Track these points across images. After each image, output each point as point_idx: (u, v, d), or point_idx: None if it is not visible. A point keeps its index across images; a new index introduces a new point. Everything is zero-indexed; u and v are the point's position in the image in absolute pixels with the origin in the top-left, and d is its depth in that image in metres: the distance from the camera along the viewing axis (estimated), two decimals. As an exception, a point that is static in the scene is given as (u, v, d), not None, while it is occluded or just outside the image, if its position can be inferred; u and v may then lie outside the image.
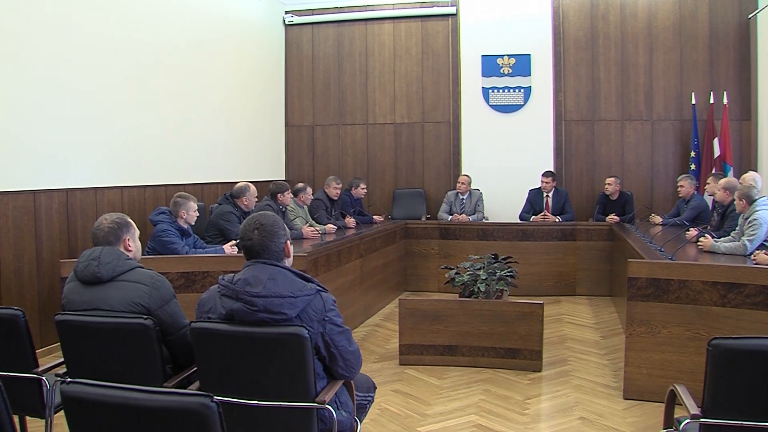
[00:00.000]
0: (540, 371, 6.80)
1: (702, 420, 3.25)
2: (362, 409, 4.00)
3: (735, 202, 7.22)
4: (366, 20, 12.62)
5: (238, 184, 8.09)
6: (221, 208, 7.97)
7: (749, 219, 6.79)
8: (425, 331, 7.01)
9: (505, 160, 11.96)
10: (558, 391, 6.26)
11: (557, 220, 10.73)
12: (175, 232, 6.86)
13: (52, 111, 7.30)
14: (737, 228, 7.16)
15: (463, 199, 11.32)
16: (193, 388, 3.53)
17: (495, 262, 7.52)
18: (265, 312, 3.23)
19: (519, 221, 10.99)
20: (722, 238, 7.21)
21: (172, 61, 9.23)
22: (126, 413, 2.44)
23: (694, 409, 3.30)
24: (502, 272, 7.30)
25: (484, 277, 7.11)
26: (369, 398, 4.10)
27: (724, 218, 7.92)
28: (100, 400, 2.46)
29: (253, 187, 8.11)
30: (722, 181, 8.10)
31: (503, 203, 11.60)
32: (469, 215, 11.15)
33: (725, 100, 11.17)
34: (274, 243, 3.42)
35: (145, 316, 3.59)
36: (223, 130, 10.51)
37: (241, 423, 3.35)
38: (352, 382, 3.71)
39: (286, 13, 12.75)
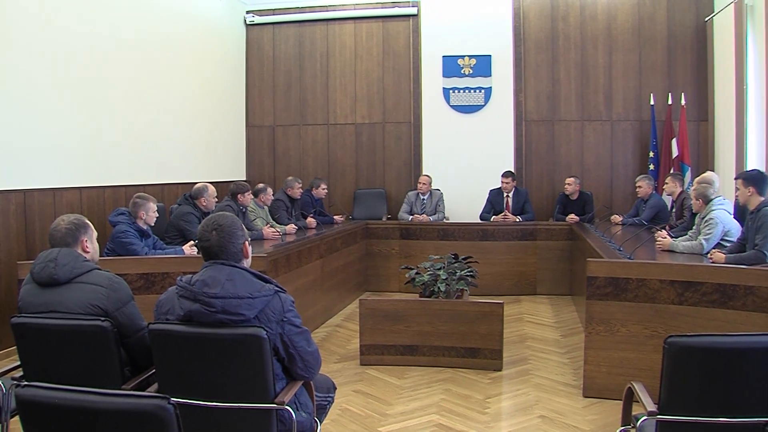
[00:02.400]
0: (500, 370, 6.83)
1: (658, 417, 3.28)
2: (322, 410, 4.00)
3: (692, 202, 7.31)
4: (327, 20, 12.60)
5: (197, 185, 8.05)
6: (181, 209, 7.93)
7: (705, 218, 6.88)
8: (386, 332, 7.02)
9: (466, 160, 12.00)
10: (518, 389, 6.30)
11: (517, 220, 10.79)
12: (135, 233, 6.80)
13: (9, 110, 7.19)
14: (694, 227, 7.25)
15: (423, 199, 11.34)
16: (151, 390, 3.49)
17: (455, 262, 7.54)
18: (223, 313, 3.22)
19: (479, 221, 11.03)
20: (680, 237, 7.28)
21: (132, 60, 9.13)
22: (82, 416, 2.41)
23: (651, 406, 3.33)
24: (463, 272, 7.32)
25: (444, 277, 7.13)
26: (329, 399, 4.10)
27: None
28: (55, 404, 2.43)
29: (212, 188, 8.07)
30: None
31: (464, 203, 11.63)
32: (430, 215, 11.17)
33: (683, 102, 11.29)
34: (233, 244, 3.41)
35: (102, 318, 3.56)
36: (183, 131, 10.43)
37: (199, 425, 3.33)
38: (311, 382, 3.70)
39: (247, 13, 12.69)
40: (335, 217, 10.96)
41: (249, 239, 3.58)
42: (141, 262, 6.53)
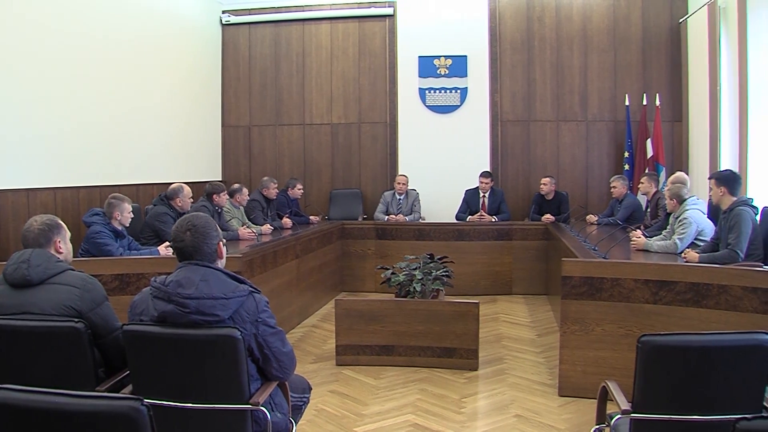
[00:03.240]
0: (476, 370, 6.86)
1: (632, 415, 3.31)
2: (297, 410, 4.00)
3: (666, 202, 7.37)
4: (303, 20, 12.57)
5: (173, 185, 8.02)
6: (156, 209, 7.90)
7: (679, 218, 6.95)
8: (361, 332, 7.02)
9: (442, 160, 12.01)
10: (494, 389, 6.33)
11: (493, 220, 10.81)
12: (109, 234, 6.77)
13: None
14: (668, 227, 7.30)
15: (399, 199, 11.34)
16: (126, 392, 3.48)
17: (431, 262, 7.56)
18: (197, 314, 3.21)
19: (455, 221, 11.05)
20: (654, 237, 7.33)
21: (107, 59, 9.06)
22: (54, 419, 2.39)
23: (625, 405, 3.36)
24: (438, 272, 7.34)
25: (419, 277, 7.14)
26: (304, 399, 4.10)
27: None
28: (28, 406, 2.41)
29: (187, 188, 8.04)
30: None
31: (440, 203, 11.66)
32: (406, 215, 11.18)
33: (658, 102, 11.35)
34: (207, 244, 3.40)
35: (76, 319, 3.53)
36: (158, 131, 10.36)
37: (174, 426, 3.32)
38: (286, 383, 3.69)
39: (223, 12, 12.64)
40: (311, 217, 10.94)
41: (223, 240, 3.57)
42: (116, 262, 6.48)
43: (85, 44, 8.63)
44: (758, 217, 6.44)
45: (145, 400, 2.37)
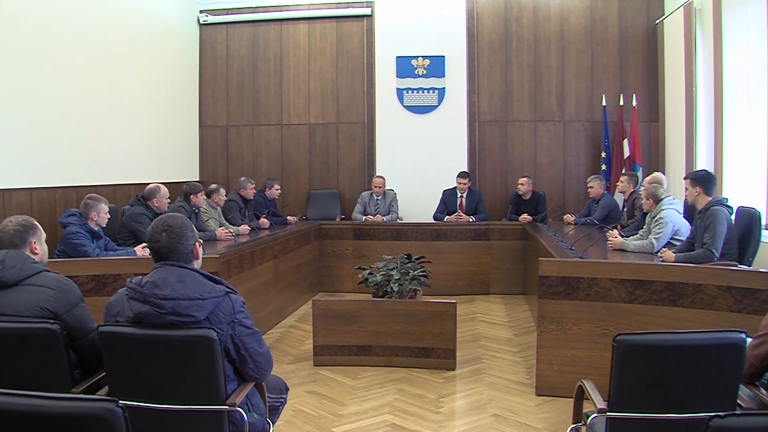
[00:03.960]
0: (454, 370, 6.86)
1: (608, 414, 3.33)
2: (274, 411, 3.98)
3: (642, 202, 7.41)
4: (281, 20, 12.55)
5: (149, 186, 7.98)
6: (133, 210, 7.86)
7: (656, 218, 6.99)
8: (339, 332, 7.02)
9: (419, 160, 12.04)
10: (472, 389, 6.34)
11: (471, 220, 10.83)
12: (86, 235, 6.73)
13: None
14: (645, 226, 7.34)
15: (377, 199, 11.34)
16: (102, 394, 3.46)
17: (408, 262, 7.57)
18: (173, 314, 3.20)
19: (433, 221, 11.06)
20: (631, 237, 7.37)
21: (84, 58, 8.99)
22: (29, 421, 2.37)
23: (601, 404, 3.38)
24: (415, 272, 7.35)
25: (397, 277, 7.15)
26: (281, 400, 4.09)
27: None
28: (2, 408, 2.39)
29: (164, 188, 8.00)
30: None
31: (417, 203, 11.67)
32: (384, 216, 11.18)
33: (634, 103, 11.44)
34: (183, 245, 3.39)
35: (51, 321, 3.51)
36: (136, 131, 10.29)
37: (150, 427, 3.30)
38: (263, 383, 3.69)
39: (201, 12, 12.59)
40: (288, 217, 10.94)
41: (199, 240, 3.56)
42: (92, 263, 6.45)
43: (62, 44, 8.56)
44: (733, 217, 6.49)
45: (121, 402, 2.36)
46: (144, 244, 7.03)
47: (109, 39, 9.58)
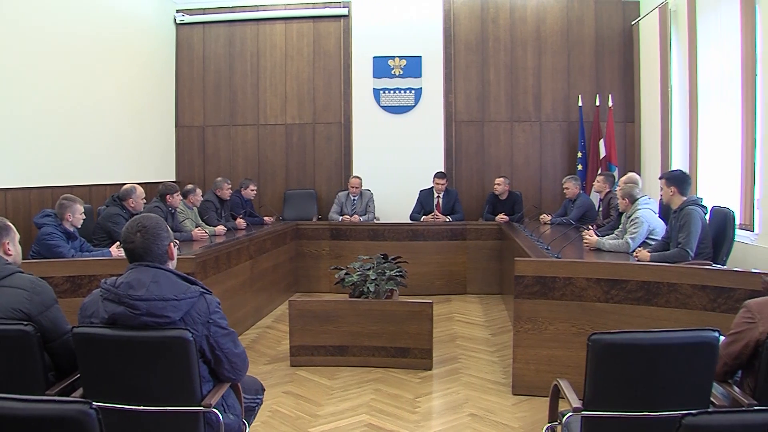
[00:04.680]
0: (430, 369, 6.87)
1: (583, 413, 3.35)
2: (251, 412, 3.98)
3: (618, 201, 7.45)
4: (258, 20, 12.52)
5: (125, 186, 7.94)
6: (108, 210, 7.82)
7: (631, 217, 7.04)
8: (315, 332, 7.01)
9: (396, 160, 12.04)
10: (448, 388, 6.35)
11: (447, 220, 10.85)
12: (61, 235, 6.68)
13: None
14: (621, 226, 7.38)
15: (354, 199, 11.34)
16: (76, 395, 3.44)
17: (384, 262, 7.57)
18: (148, 315, 3.18)
19: (410, 221, 11.07)
20: (606, 236, 7.40)
21: (59, 58, 8.91)
22: (2, 423, 2.36)
23: (576, 403, 3.40)
24: (392, 272, 7.36)
25: (373, 278, 7.15)
26: (257, 400, 4.08)
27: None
28: (-27, 411, 2.39)
29: (140, 189, 7.96)
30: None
31: (394, 204, 11.68)
32: (360, 216, 11.18)
33: (610, 103, 11.48)
34: (157, 245, 3.37)
35: (25, 323, 3.48)
36: (111, 131, 10.22)
37: (126, 429, 3.29)
38: (239, 384, 3.68)
39: (177, 11, 12.53)
40: (265, 218, 10.92)
41: (174, 241, 3.55)
42: (67, 264, 6.41)
43: (36, 43, 8.49)
44: (707, 217, 6.55)
45: (95, 404, 2.35)
46: (118, 244, 7.01)
47: (84, 38, 9.51)
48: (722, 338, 3.45)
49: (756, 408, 3.01)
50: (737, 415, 2.34)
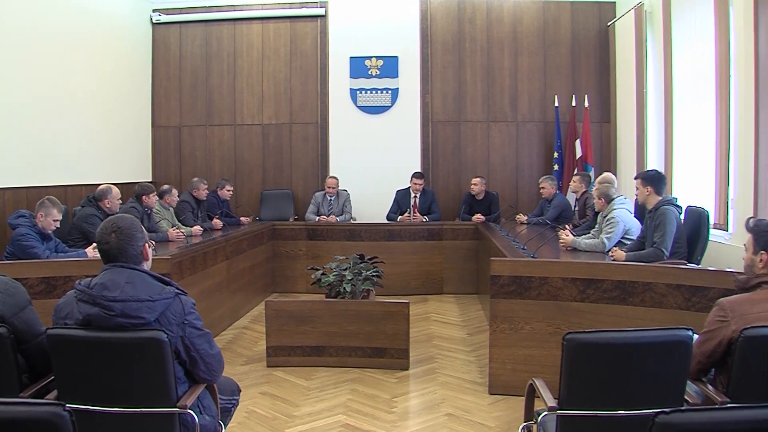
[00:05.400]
0: (407, 369, 6.89)
1: (558, 412, 3.36)
2: (227, 413, 3.97)
3: (594, 201, 7.48)
4: (234, 20, 12.47)
5: (101, 187, 7.88)
6: (84, 211, 7.76)
7: (607, 217, 7.08)
8: (292, 333, 7.01)
9: (373, 160, 12.05)
10: (425, 388, 6.37)
11: (424, 220, 10.86)
12: (36, 236, 6.62)
13: None
14: (597, 226, 7.42)
15: (330, 199, 11.32)
16: (51, 398, 3.42)
17: (361, 263, 7.57)
18: (122, 316, 3.17)
19: (386, 221, 11.08)
20: (582, 236, 7.43)
21: (34, 57, 8.83)
22: (-27, 426, 2.36)
23: (551, 402, 3.41)
24: (368, 272, 7.36)
25: (349, 278, 7.15)
26: (233, 401, 4.07)
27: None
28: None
29: (116, 189, 7.91)
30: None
31: (371, 204, 11.69)
32: (337, 216, 11.17)
33: (586, 104, 11.56)
34: (132, 246, 3.36)
35: (-2, 324, 3.47)
36: (87, 131, 10.14)
37: (101, 431, 3.28)
38: (214, 385, 3.67)
39: (154, 11, 12.45)
40: (241, 218, 10.90)
41: (153, 242, 3.55)
42: (42, 265, 6.36)
43: (10, 42, 8.41)
44: (682, 216, 6.59)
45: (70, 406, 2.34)
46: (94, 245, 6.95)
47: (59, 38, 9.43)
48: (696, 337, 3.48)
49: (729, 405, 3.04)
50: (710, 413, 2.36)
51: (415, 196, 11.10)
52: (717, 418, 2.31)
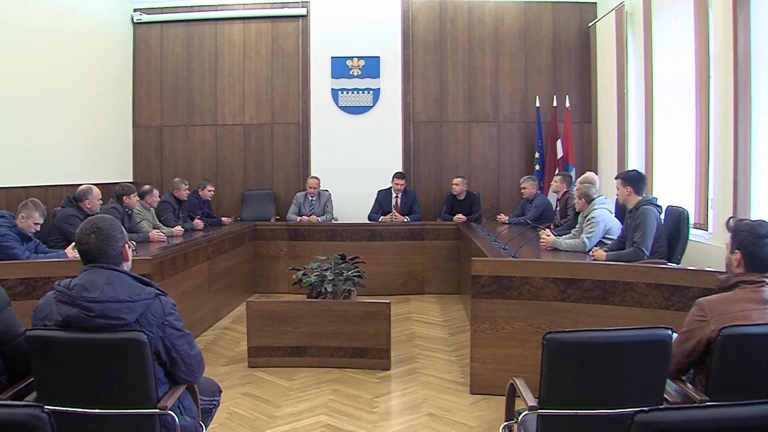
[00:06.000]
0: (388, 369, 6.89)
1: (539, 411, 3.37)
2: (207, 414, 3.96)
3: (575, 201, 7.51)
4: (216, 20, 12.42)
5: (81, 187, 7.84)
6: (64, 212, 7.72)
7: (588, 217, 7.10)
8: (273, 333, 7.00)
9: (354, 161, 12.05)
10: (406, 388, 6.37)
11: (405, 220, 10.87)
12: (15, 237, 6.57)
13: None
14: (577, 226, 7.44)
15: (312, 200, 11.31)
16: (30, 399, 3.41)
17: (342, 263, 7.57)
18: (102, 317, 3.16)
19: (368, 222, 11.08)
20: (563, 236, 7.45)
21: (13, 56, 8.76)
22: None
23: (532, 401, 3.43)
24: (349, 272, 7.37)
25: (330, 278, 7.15)
26: (214, 402, 4.06)
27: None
28: None
29: (96, 189, 7.87)
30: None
31: (352, 204, 11.69)
32: (318, 216, 11.16)
33: (567, 104, 11.59)
34: (112, 247, 3.35)
35: (-23, 326, 3.45)
36: (67, 130, 10.07)
37: (80, 433, 3.27)
38: (195, 386, 3.66)
39: (135, 11, 12.37)
40: (223, 218, 10.88)
41: (129, 242, 3.53)
42: (21, 266, 6.31)
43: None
44: (662, 216, 6.62)
45: (49, 407, 2.34)
46: (74, 245, 6.91)
47: (39, 37, 9.36)
48: (675, 336, 3.50)
49: (708, 404, 3.05)
50: (688, 412, 2.38)
51: (397, 197, 11.11)
52: (695, 417, 2.32)
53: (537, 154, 11.72)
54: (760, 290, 3.55)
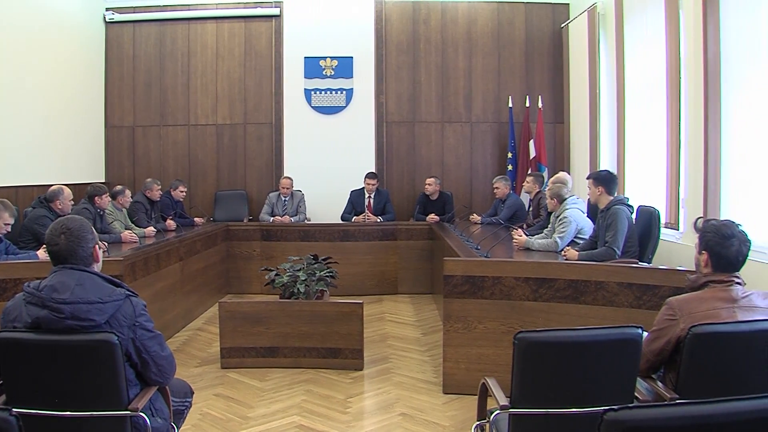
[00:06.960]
0: (361, 370, 6.90)
1: (510, 410, 3.38)
2: (179, 415, 3.95)
3: (547, 201, 7.55)
4: (189, 20, 12.36)
5: (52, 188, 7.79)
6: (35, 212, 7.66)
7: (560, 217, 7.14)
8: (246, 334, 6.99)
9: (327, 161, 12.03)
10: (379, 388, 6.39)
11: (378, 221, 10.88)
12: (-16, 239, 6.55)
13: None
14: (549, 226, 7.48)
15: (285, 200, 11.30)
16: (-1, 402, 3.39)
17: (315, 263, 7.56)
18: (72, 319, 3.14)
19: (341, 222, 11.07)
20: (536, 236, 7.48)
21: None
22: None
23: (503, 400, 3.44)
24: (322, 273, 7.36)
25: (303, 278, 7.15)
26: (186, 403, 4.05)
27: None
28: None
29: (67, 190, 7.82)
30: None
31: (325, 204, 11.66)
32: (291, 216, 11.15)
33: (540, 104, 11.62)
34: (82, 248, 3.33)
35: (-55, 328, 3.42)
36: (38, 130, 9.98)
37: (51, 435, 3.25)
38: (167, 387, 3.65)
39: (107, 10, 12.28)
40: (195, 219, 10.83)
41: (100, 243, 3.51)
42: (-9, 268, 6.28)
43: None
44: (634, 216, 6.68)
45: (18, 410, 2.32)
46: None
47: (7, 35, 9.24)
48: (645, 335, 3.53)
49: (677, 402, 3.08)
50: (657, 410, 2.40)
51: (369, 197, 11.11)
52: (665, 415, 2.33)
53: (510, 155, 11.76)
54: (728, 289, 3.58)
